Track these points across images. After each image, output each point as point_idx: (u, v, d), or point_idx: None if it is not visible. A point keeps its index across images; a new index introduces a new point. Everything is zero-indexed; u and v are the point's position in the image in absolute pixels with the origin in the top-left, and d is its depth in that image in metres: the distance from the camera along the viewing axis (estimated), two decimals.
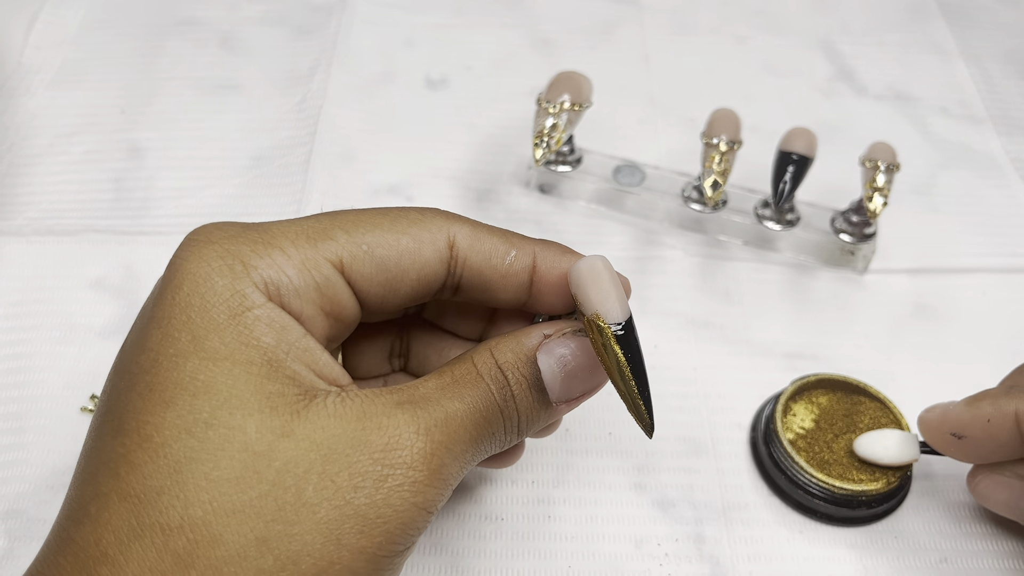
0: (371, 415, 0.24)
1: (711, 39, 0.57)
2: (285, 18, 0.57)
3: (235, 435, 0.23)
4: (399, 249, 0.26)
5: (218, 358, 0.23)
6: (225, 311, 0.24)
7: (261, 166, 0.49)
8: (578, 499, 0.36)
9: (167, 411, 0.23)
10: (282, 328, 0.24)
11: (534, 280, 0.28)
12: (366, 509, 0.23)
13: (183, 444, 0.22)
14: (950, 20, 0.59)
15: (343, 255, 0.26)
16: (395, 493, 0.23)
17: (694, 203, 0.45)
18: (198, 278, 0.24)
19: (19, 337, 0.41)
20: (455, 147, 0.50)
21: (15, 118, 0.50)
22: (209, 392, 0.23)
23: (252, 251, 0.25)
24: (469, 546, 0.35)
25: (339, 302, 0.26)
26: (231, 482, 0.22)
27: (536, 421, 0.27)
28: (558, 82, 0.42)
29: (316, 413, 0.24)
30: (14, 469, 0.36)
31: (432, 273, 0.27)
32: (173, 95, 0.52)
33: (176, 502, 0.22)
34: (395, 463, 0.23)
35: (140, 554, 0.21)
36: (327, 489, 0.23)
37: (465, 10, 0.58)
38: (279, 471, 0.23)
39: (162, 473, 0.22)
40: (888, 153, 0.42)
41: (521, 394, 0.26)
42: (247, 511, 0.22)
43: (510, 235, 0.28)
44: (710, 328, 0.42)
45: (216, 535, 0.22)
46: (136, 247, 0.44)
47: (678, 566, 0.34)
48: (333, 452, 0.23)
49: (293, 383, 0.24)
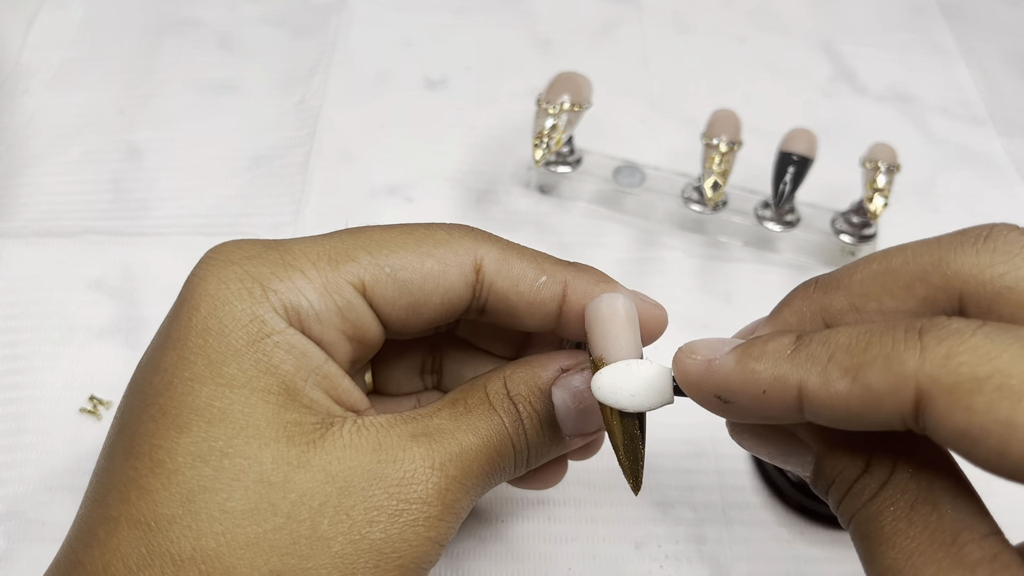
0: (386, 447, 0.24)
1: (711, 39, 0.57)
2: (284, 18, 0.57)
3: (251, 465, 0.22)
4: (423, 272, 0.26)
5: (235, 385, 0.23)
6: (244, 336, 0.24)
7: (260, 166, 0.49)
8: (578, 500, 0.36)
9: (180, 436, 0.23)
10: (302, 355, 0.24)
11: (563, 310, 0.27)
12: (381, 544, 0.23)
13: (197, 472, 0.22)
14: (951, 20, 0.59)
15: (365, 277, 0.25)
16: (410, 528, 0.23)
17: (694, 204, 0.45)
18: (217, 300, 0.24)
19: (18, 338, 0.41)
20: (455, 147, 0.50)
21: (13, 119, 0.50)
22: (225, 420, 0.23)
23: (272, 273, 0.25)
24: (469, 548, 0.35)
25: (361, 326, 0.26)
26: (245, 514, 0.22)
27: (545, 455, 0.27)
28: (558, 83, 0.42)
29: (332, 444, 0.23)
30: (12, 470, 0.36)
31: (456, 297, 0.26)
32: (172, 95, 0.52)
33: (188, 532, 0.22)
34: (410, 498, 0.23)
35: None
36: (342, 523, 0.23)
37: (465, 10, 0.58)
38: (294, 503, 0.22)
39: (174, 501, 0.22)
40: (889, 154, 0.42)
41: (532, 428, 0.26)
42: (261, 544, 0.22)
43: (541, 259, 0.27)
44: (710, 329, 0.42)
45: (228, 568, 0.21)
46: (135, 248, 0.44)
47: (678, 567, 0.34)
48: (349, 485, 0.23)
49: (310, 412, 0.24)
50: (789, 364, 0.21)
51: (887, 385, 0.19)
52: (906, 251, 0.22)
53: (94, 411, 0.38)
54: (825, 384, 0.20)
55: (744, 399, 0.22)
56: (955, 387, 0.18)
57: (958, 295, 0.21)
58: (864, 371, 0.19)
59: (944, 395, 0.18)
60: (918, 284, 0.22)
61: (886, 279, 0.22)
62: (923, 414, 0.18)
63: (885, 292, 0.22)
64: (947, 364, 0.18)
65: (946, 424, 0.18)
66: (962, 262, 0.21)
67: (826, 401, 0.20)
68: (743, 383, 0.22)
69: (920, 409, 0.18)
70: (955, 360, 0.18)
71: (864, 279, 0.23)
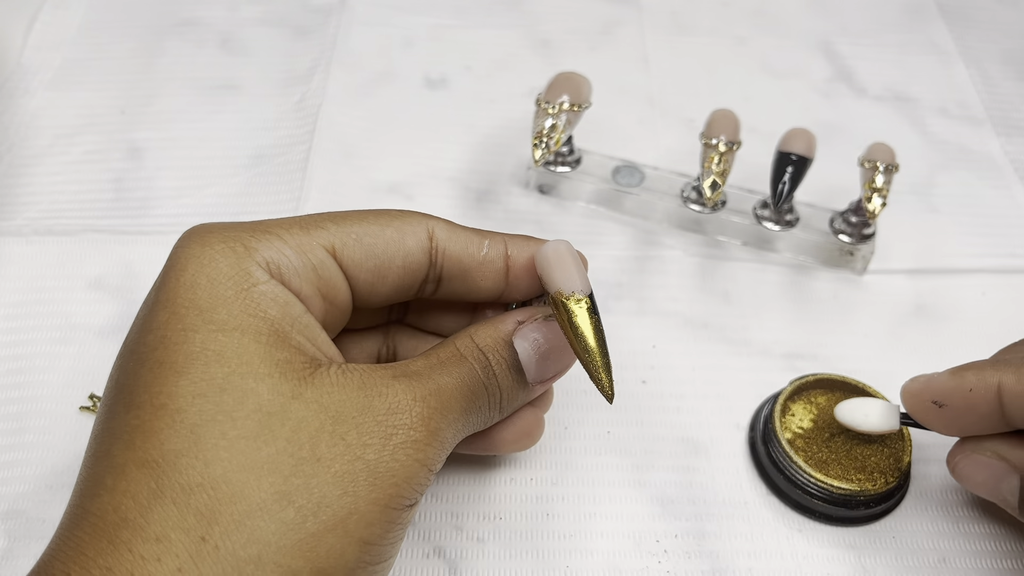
0: (371, 385, 0.26)
1: (711, 39, 0.58)
2: (284, 19, 0.57)
3: (248, 397, 0.24)
4: (385, 238, 0.29)
5: (227, 329, 0.25)
6: (232, 287, 0.25)
7: (260, 165, 0.49)
8: (576, 496, 0.36)
9: (180, 380, 0.24)
10: (285, 304, 0.26)
11: (509, 265, 0.30)
12: (375, 464, 0.24)
13: (198, 408, 0.23)
14: (949, 21, 0.59)
15: (335, 242, 0.28)
16: (400, 450, 0.25)
17: (693, 204, 0.45)
18: (203, 260, 0.26)
19: (19, 337, 0.41)
20: (454, 147, 0.50)
21: (15, 119, 0.50)
22: (220, 360, 0.24)
23: (251, 235, 0.27)
24: (467, 546, 0.35)
25: (334, 285, 0.28)
26: (248, 440, 0.23)
27: (515, 399, 0.30)
28: (557, 83, 0.42)
29: (322, 380, 0.25)
30: (13, 469, 0.36)
31: (416, 262, 0.29)
32: (173, 95, 0.52)
33: (196, 462, 0.22)
34: (397, 424, 0.25)
35: (162, 514, 0.22)
36: (338, 446, 0.24)
37: (464, 10, 0.58)
38: (293, 429, 0.24)
39: (180, 437, 0.23)
40: (887, 154, 0.42)
41: (502, 373, 0.29)
42: (266, 467, 0.23)
43: (481, 230, 0.31)
44: (709, 328, 0.42)
45: (237, 491, 0.22)
46: (136, 247, 0.45)
47: (677, 563, 0.34)
48: (341, 414, 0.25)
49: (299, 352, 0.26)
50: (991, 368, 0.30)
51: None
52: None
53: (94, 409, 0.38)
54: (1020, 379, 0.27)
55: (955, 400, 0.30)
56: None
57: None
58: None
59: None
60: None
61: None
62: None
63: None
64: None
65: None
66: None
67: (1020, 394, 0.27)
68: (955, 386, 0.30)
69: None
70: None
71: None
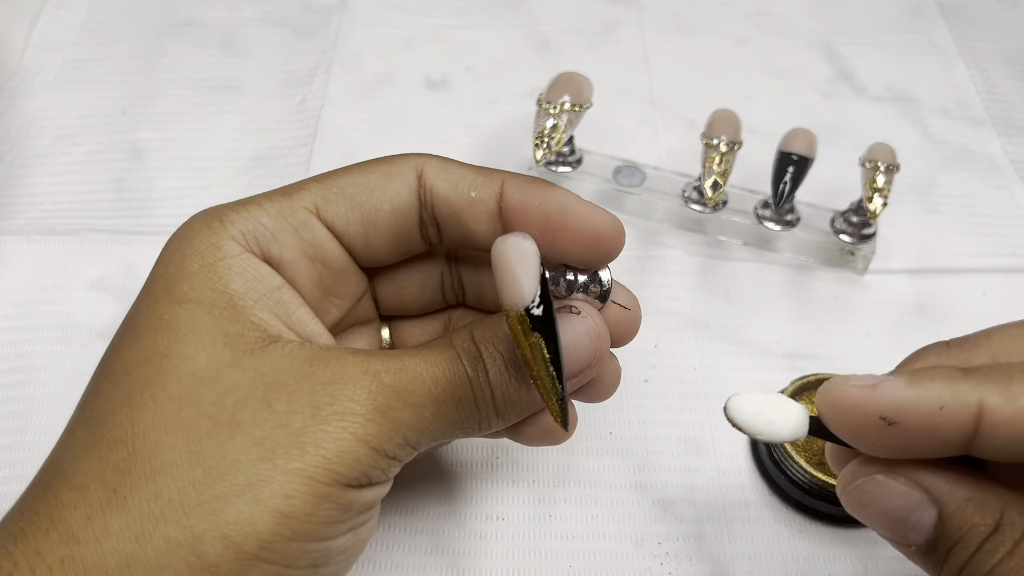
0: (321, 357, 0.25)
1: (711, 39, 0.58)
2: (286, 19, 0.57)
3: (184, 363, 0.24)
4: (368, 184, 0.28)
5: (184, 301, 0.25)
6: (198, 261, 0.26)
7: (262, 166, 0.49)
8: (578, 498, 0.36)
9: (133, 346, 0.25)
10: (254, 278, 0.26)
11: (503, 208, 0.27)
12: (300, 432, 0.23)
13: (139, 373, 0.24)
14: (950, 21, 0.59)
15: (316, 200, 0.27)
16: (333, 422, 0.23)
17: (694, 203, 0.45)
18: (181, 239, 0.26)
19: (20, 337, 0.41)
20: (455, 148, 0.50)
21: (16, 119, 0.50)
22: (170, 329, 0.24)
23: (231, 209, 0.27)
24: (470, 546, 0.35)
25: (319, 244, 0.27)
26: (173, 401, 0.23)
27: (514, 400, 0.26)
28: (558, 83, 0.42)
29: (271, 352, 0.25)
30: (15, 468, 0.36)
31: (405, 204, 0.28)
32: (174, 96, 0.52)
33: (124, 420, 0.23)
34: (334, 393, 0.24)
35: (87, 465, 0.23)
36: (262, 411, 0.23)
37: (465, 11, 0.58)
38: (220, 395, 0.24)
39: (118, 397, 0.24)
40: (888, 154, 0.42)
41: (495, 369, 0.26)
42: (184, 428, 0.23)
43: (478, 168, 0.28)
44: (710, 328, 0.42)
45: (153, 448, 0.23)
46: (137, 247, 0.45)
47: (678, 564, 0.35)
48: (277, 383, 0.24)
49: (255, 328, 0.25)
50: (967, 383, 0.21)
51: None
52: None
53: None
54: (1010, 399, 0.19)
55: (915, 419, 0.21)
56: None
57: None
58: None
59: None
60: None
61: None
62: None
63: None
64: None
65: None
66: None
67: (1008, 418, 0.19)
68: (919, 400, 0.21)
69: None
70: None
71: (1004, 339, 0.23)
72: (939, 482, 0.22)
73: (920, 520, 0.22)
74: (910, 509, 0.23)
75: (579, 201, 0.27)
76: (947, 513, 0.21)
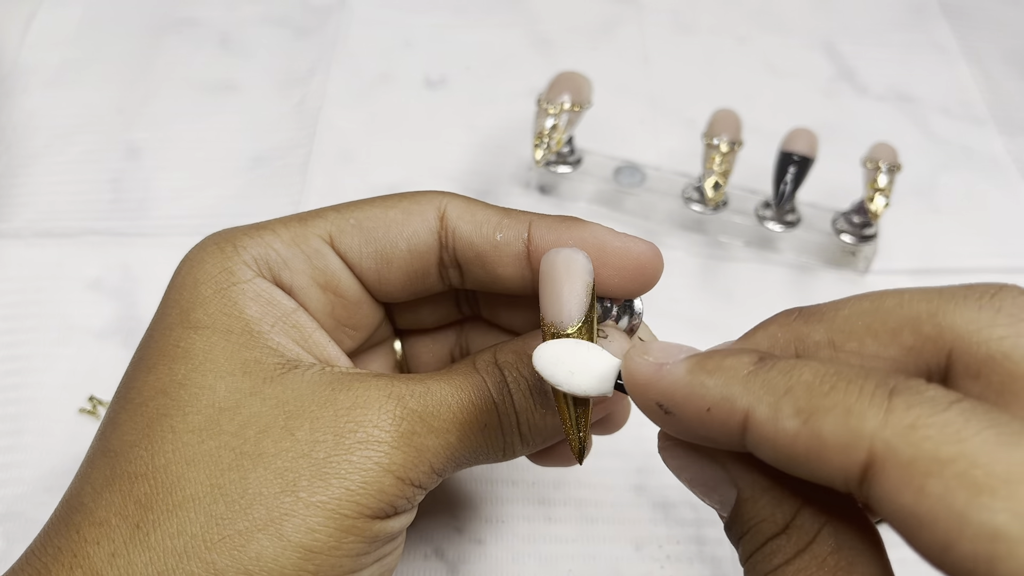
0: (344, 382, 0.24)
1: (711, 39, 0.57)
2: (284, 18, 0.57)
3: (204, 393, 0.24)
4: (387, 220, 0.27)
5: (200, 327, 0.25)
6: (212, 286, 0.25)
7: (260, 167, 0.49)
8: (578, 500, 0.36)
9: (148, 376, 0.24)
10: (268, 302, 0.26)
11: (532, 251, 0.26)
12: (323, 463, 0.23)
13: (157, 403, 0.24)
14: (952, 20, 0.59)
15: (331, 229, 0.27)
16: (356, 450, 0.23)
17: (695, 204, 0.45)
18: (193, 263, 0.26)
19: (17, 339, 0.40)
20: (454, 148, 0.50)
21: (12, 118, 0.50)
22: (187, 358, 0.24)
23: (244, 234, 0.26)
24: (469, 550, 0.35)
25: (331, 273, 0.27)
26: (193, 433, 0.23)
27: (539, 428, 0.26)
28: (558, 82, 0.42)
29: (290, 379, 0.24)
30: (12, 471, 0.36)
31: (423, 245, 0.27)
32: (171, 95, 0.52)
33: (144, 453, 0.23)
34: (358, 420, 0.23)
35: (108, 500, 0.23)
36: (285, 441, 0.23)
37: (464, 10, 0.58)
38: (241, 425, 0.23)
39: (136, 429, 0.23)
40: (889, 154, 0.41)
41: (519, 392, 0.25)
42: (205, 460, 0.23)
43: (503, 209, 0.27)
44: (712, 328, 0.42)
45: (174, 482, 0.23)
46: (134, 248, 0.44)
47: (679, 568, 0.34)
48: (298, 410, 0.23)
49: (274, 353, 0.25)
50: (742, 386, 0.19)
51: (839, 439, 0.17)
52: (902, 294, 0.20)
53: (93, 411, 0.38)
54: (773, 418, 0.18)
55: (687, 413, 0.20)
56: (912, 462, 0.16)
57: (947, 351, 0.19)
58: (818, 417, 0.17)
59: (897, 468, 0.16)
60: (907, 331, 0.20)
61: (873, 319, 0.20)
62: (870, 482, 0.16)
63: (869, 333, 0.20)
64: (910, 435, 0.16)
65: (892, 500, 0.16)
66: (960, 316, 0.19)
67: (769, 436, 0.18)
68: (689, 395, 0.20)
69: (868, 476, 0.16)
70: (920, 433, 0.16)
71: (850, 315, 0.21)
72: (740, 466, 0.21)
73: (725, 496, 0.21)
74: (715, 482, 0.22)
75: (614, 234, 0.26)
76: (742, 499, 0.20)
